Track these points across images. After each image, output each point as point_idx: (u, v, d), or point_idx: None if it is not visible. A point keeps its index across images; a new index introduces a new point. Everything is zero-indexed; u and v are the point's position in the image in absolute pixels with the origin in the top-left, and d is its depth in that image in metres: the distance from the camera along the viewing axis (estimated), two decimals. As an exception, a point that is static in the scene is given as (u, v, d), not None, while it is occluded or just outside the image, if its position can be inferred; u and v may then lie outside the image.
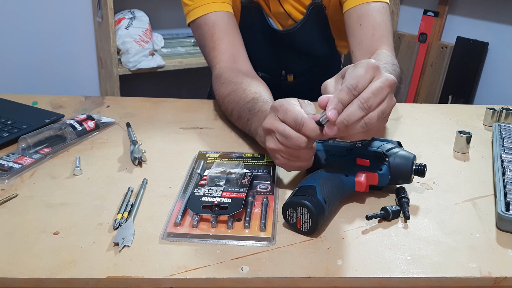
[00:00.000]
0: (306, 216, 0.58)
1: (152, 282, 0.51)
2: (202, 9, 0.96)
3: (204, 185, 0.66)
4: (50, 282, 0.51)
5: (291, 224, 0.60)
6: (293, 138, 0.61)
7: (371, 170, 0.65)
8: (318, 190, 0.60)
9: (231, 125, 0.91)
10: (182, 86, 2.57)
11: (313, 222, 0.57)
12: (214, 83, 0.94)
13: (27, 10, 2.09)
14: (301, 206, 0.58)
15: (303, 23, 1.03)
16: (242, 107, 0.82)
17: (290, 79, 1.14)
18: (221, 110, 0.92)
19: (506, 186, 0.67)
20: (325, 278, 0.52)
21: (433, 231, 0.61)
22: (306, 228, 0.58)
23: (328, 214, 0.60)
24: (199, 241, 0.57)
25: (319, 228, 0.59)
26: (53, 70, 2.23)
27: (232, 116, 0.86)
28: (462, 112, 1.03)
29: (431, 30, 2.34)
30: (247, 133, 0.82)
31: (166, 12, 2.37)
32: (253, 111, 0.78)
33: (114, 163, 0.75)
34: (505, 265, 0.55)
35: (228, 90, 0.88)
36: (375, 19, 0.94)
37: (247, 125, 0.80)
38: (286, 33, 1.05)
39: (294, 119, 0.61)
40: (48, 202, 0.64)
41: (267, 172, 0.72)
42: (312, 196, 0.58)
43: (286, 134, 0.61)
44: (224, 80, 0.91)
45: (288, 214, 0.59)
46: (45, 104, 0.98)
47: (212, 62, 0.97)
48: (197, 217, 0.60)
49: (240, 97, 0.84)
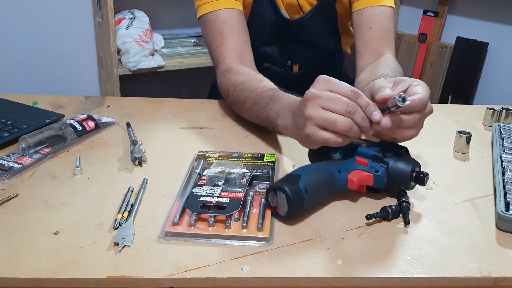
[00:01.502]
0: (284, 201, 0.59)
1: (152, 282, 0.51)
2: (213, 5, 0.97)
3: (203, 185, 0.66)
4: (50, 282, 0.51)
5: (272, 208, 0.61)
6: (349, 104, 0.61)
7: (368, 171, 0.65)
8: (302, 179, 0.61)
9: (231, 125, 0.91)
10: (182, 86, 2.57)
11: (290, 209, 0.59)
12: (222, 75, 0.94)
13: (27, 10, 2.09)
14: (280, 191, 0.59)
15: (313, 13, 1.05)
16: (260, 95, 0.82)
17: (295, 69, 1.16)
18: (229, 99, 0.91)
19: (506, 186, 0.67)
20: (325, 278, 0.52)
21: (433, 231, 0.61)
22: (284, 213, 0.60)
23: (308, 204, 0.61)
24: (197, 241, 0.57)
25: (297, 215, 0.61)
26: (53, 70, 2.23)
27: (244, 103, 0.85)
28: (462, 112, 1.03)
29: (431, 30, 2.34)
30: (260, 120, 0.82)
31: (166, 12, 2.37)
32: (274, 97, 0.78)
33: (114, 163, 0.75)
34: (505, 265, 0.55)
35: (242, 79, 0.88)
36: (384, 24, 0.99)
37: (264, 110, 0.79)
38: (296, 22, 1.06)
39: (351, 89, 0.62)
40: (48, 202, 0.64)
41: (266, 172, 0.72)
42: (293, 184, 0.60)
43: (341, 100, 0.62)
44: (235, 72, 0.91)
45: (269, 198, 0.62)
46: (45, 104, 0.98)
47: (219, 57, 0.97)
48: (195, 216, 0.60)
49: (257, 86, 0.84)
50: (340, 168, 0.65)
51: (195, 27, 2.44)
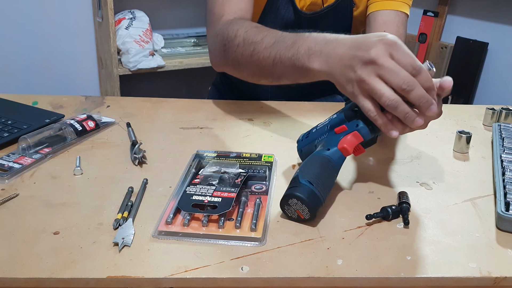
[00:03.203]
0: (299, 204, 0.59)
1: (152, 282, 0.51)
2: None
3: (197, 184, 0.66)
4: (50, 282, 0.51)
5: (297, 220, 0.61)
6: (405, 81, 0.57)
7: (350, 131, 0.65)
8: (300, 176, 0.61)
9: (231, 125, 0.91)
10: (182, 86, 2.57)
11: (309, 206, 0.59)
12: (225, 24, 0.85)
13: (27, 10, 2.09)
14: (290, 198, 0.59)
15: (329, 11, 1.03)
16: (283, 34, 0.73)
17: None
18: (234, 43, 0.80)
19: (506, 186, 0.67)
20: (325, 278, 0.52)
21: (433, 231, 0.61)
22: (308, 215, 0.59)
23: (321, 192, 0.60)
24: (190, 240, 0.57)
25: (319, 208, 0.61)
26: (53, 70, 2.23)
27: (261, 42, 0.75)
28: (462, 112, 1.03)
29: (431, 30, 2.34)
30: (282, 61, 0.71)
31: (166, 12, 2.37)
32: (302, 36, 0.69)
33: (114, 163, 0.75)
34: (505, 265, 0.55)
35: (255, 24, 0.81)
36: (398, 30, 0.98)
37: (291, 49, 0.69)
38: (310, 17, 1.05)
39: (411, 64, 0.58)
40: (48, 202, 0.64)
41: (263, 172, 0.72)
42: (295, 185, 0.60)
43: (400, 75, 0.57)
44: (246, 21, 0.84)
45: (288, 212, 0.61)
46: (45, 104, 0.98)
47: (219, 13, 0.89)
48: (188, 216, 0.60)
49: (276, 30, 0.75)
50: (328, 147, 0.65)
51: (195, 27, 2.44)
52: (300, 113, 0.98)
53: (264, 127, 0.91)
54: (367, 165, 0.78)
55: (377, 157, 0.81)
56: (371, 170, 0.76)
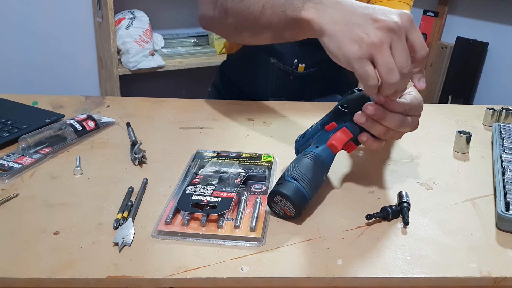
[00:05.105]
0: (285, 201, 0.59)
1: (152, 282, 0.51)
2: None
3: (196, 184, 0.66)
4: (50, 282, 0.51)
5: (283, 217, 0.61)
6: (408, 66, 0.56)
7: (339, 128, 0.65)
8: (285, 173, 0.61)
9: (231, 125, 0.91)
10: (182, 86, 2.57)
11: (293, 203, 0.59)
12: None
13: (27, 10, 2.09)
14: (275, 195, 0.60)
15: None
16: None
17: (300, 69, 1.14)
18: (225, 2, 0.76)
19: (506, 186, 0.67)
20: (325, 278, 0.52)
21: (433, 231, 0.61)
22: (294, 212, 0.60)
23: (307, 189, 0.60)
24: (190, 240, 0.57)
25: (305, 205, 0.61)
26: (53, 70, 2.23)
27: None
28: (462, 112, 1.03)
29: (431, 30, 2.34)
30: (273, 12, 0.66)
31: (166, 12, 2.37)
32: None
33: (114, 163, 0.75)
34: (505, 265, 0.55)
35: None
36: None
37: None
38: None
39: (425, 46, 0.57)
40: (48, 202, 0.64)
41: (263, 172, 0.72)
42: (280, 183, 0.60)
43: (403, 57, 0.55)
44: None
45: (275, 210, 0.61)
46: (45, 104, 0.98)
47: None
48: (187, 215, 0.60)
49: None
50: (317, 144, 0.65)
51: (195, 27, 2.44)
52: (300, 113, 0.98)
53: (264, 127, 0.91)
54: (367, 165, 0.78)
55: (377, 157, 0.81)
56: (371, 170, 0.76)
